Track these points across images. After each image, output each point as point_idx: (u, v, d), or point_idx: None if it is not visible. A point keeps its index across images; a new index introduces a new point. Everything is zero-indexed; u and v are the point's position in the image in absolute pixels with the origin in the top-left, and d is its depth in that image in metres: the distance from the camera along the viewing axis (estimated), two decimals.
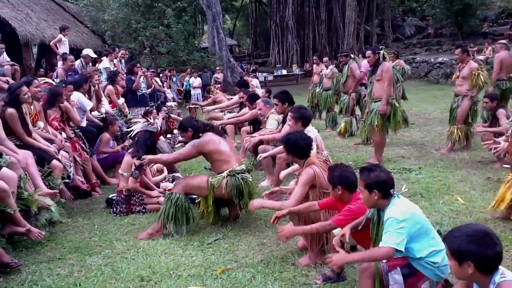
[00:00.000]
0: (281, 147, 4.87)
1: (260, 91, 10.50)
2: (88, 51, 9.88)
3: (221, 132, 5.18)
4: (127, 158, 5.51)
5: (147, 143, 5.50)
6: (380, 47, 7.36)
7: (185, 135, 4.99)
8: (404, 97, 10.15)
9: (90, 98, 7.24)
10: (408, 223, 2.66)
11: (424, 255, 2.69)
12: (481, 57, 17.24)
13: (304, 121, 4.99)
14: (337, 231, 3.34)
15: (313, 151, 4.40)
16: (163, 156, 5.16)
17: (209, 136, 4.72)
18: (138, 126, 7.27)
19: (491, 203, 4.70)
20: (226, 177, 4.59)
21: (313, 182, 3.69)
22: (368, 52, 6.96)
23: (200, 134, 4.76)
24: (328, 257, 2.85)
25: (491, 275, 2.08)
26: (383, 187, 2.78)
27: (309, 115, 5.11)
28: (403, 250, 2.63)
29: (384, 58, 6.86)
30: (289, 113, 5.13)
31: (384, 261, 2.78)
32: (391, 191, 2.79)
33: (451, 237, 2.17)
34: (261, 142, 6.50)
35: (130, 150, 5.70)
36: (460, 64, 7.60)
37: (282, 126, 5.89)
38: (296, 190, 3.69)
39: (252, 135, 6.90)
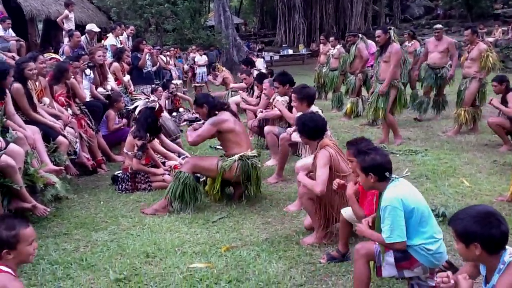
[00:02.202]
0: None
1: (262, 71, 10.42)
2: (91, 26, 9.76)
3: (236, 113, 5.11)
4: (129, 138, 5.49)
5: (148, 121, 5.48)
6: (389, 27, 7.24)
7: (199, 111, 4.86)
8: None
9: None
10: (402, 209, 2.65)
11: (417, 242, 2.67)
12: (490, 39, 17.05)
13: (308, 100, 4.93)
14: (347, 213, 3.35)
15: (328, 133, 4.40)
16: (187, 139, 4.84)
17: (226, 115, 4.68)
18: (139, 103, 7.20)
19: (498, 187, 4.68)
20: (237, 161, 4.58)
21: (330, 163, 3.64)
22: (378, 32, 6.80)
23: (216, 112, 4.71)
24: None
25: (498, 255, 2.08)
26: (379, 170, 2.76)
27: (312, 94, 5.05)
28: (405, 239, 2.65)
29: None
30: (293, 94, 5.07)
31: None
32: (386, 174, 2.77)
33: (456, 220, 2.17)
34: (266, 122, 6.47)
35: (132, 130, 5.67)
36: (469, 45, 7.51)
37: (288, 107, 5.83)
38: (319, 173, 3.59)
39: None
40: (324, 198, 3.68)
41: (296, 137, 4.79)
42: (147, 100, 7.41)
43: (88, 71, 7.03)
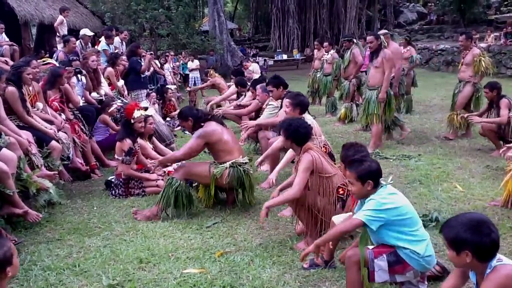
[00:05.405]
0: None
1: (256, 77, 10.41)
2: (84, 31, 9.75)
3: (222, 121, 5.10)
4: (117, 143, 5.48)
5: (122, 122, 5.62)
6: (384, 32, 7.27)
7: (185, 124, 4.88)
8: (415, 84, 10.13)
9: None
10: (388, 207, 2.71)
11: (402, 244, 2.72)
12: (483, 44, 17.16)
13: (301, 108, 4.90)
14: (339, 220, 3.36)
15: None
16: (174, 154, 5.06)
17: (212, 126, 4.65)
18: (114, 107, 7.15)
19: (490, 192, 4.69)
20: (228, 168, 4.56)
21: (312, 167, 3.69)
22: (371, 38, 6.81)
23: (202, 124, 4.69)
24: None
25: (488, 262, 2.10)
26: (376, 177, 2.81)
27: (306, 102, 5.04)
28: (373, 228, 2.70)
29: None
30: (287, 100, 5.04)
31: (371, 247, 2.81)
32: (380, 180, 2.82)
33: (447, 228, 2.18)
34: (260, 127, 6.47)
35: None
36: (464, 51, 7.58)
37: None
38: (298, 178, 3.65)
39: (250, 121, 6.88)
40: (307, 201, 3.71)
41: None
42: (120, 103, 7.41)
43: (79, 76, 6.98)
